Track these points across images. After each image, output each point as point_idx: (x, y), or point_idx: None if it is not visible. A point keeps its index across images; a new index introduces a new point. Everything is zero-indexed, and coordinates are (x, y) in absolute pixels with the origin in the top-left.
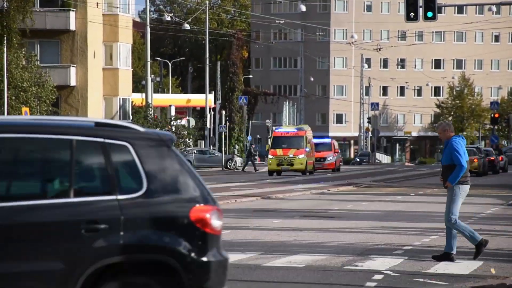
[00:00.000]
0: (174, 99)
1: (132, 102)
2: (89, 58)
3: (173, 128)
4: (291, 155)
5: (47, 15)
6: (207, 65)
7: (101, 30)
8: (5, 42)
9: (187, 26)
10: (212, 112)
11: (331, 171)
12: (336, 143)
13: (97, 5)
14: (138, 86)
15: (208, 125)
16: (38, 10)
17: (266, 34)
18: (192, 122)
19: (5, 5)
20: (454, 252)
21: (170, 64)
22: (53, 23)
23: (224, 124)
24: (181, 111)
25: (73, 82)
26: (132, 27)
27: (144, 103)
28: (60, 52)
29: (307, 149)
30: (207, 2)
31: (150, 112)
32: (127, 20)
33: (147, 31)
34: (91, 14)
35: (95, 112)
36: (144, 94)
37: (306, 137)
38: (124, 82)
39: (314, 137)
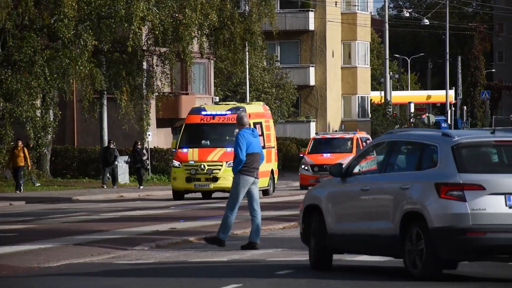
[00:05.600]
0: (413, 95)
1: (370, 100)
2: (327, 57)
3: (412, 125)
4: (210, 161)
5: (286, 16)
6: (447, 61)
7: (340, 29)
8: (247, 45)
9: (426, 22)
10: (453, 108)
11: None
12: (369, 138)
13: (335, 4)
14: (377, 84)
15: (449, 121)
16: (278, 11)
17: (510, 26)
18: (432, 118)
19: (247, 9)
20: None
21: (409, 61)
22: (292, 24)
23: (466, 120)
24: (421, 108)
25: (312, 82)
26: (370, 25)
27: (383, 100)
28: (300, 52)
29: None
30: None
31: (389, 110)
32: (365, 18)
33: (386, 28)
34: (330, 13)
35: (334, 111)
36: (382, 92)
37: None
38: (362, 80)
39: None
